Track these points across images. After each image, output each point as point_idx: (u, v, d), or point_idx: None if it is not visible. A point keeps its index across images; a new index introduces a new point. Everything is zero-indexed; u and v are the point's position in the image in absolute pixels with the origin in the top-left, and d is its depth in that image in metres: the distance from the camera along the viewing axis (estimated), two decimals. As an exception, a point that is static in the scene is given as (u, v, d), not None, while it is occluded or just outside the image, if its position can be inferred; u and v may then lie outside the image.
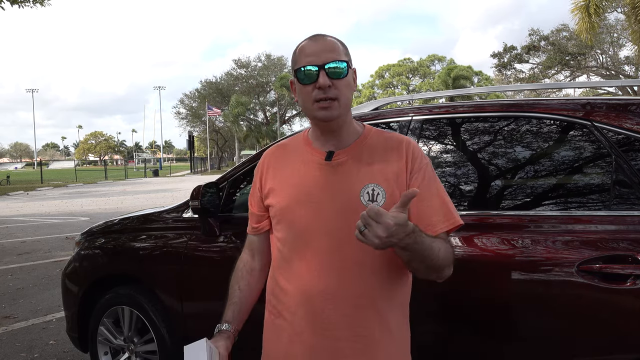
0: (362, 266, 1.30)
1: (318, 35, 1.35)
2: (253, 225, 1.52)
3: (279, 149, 1.48)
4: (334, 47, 1.31)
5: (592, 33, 14.28)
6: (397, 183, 1.31)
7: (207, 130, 51.92)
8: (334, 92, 1.28)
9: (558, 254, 1.72)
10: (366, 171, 1.32)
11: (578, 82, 28.64)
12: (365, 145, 1.36)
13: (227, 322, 1.43)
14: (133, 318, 2.81)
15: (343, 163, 1.34)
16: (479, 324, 1.85)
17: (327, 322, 1.31)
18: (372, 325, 1.31)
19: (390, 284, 1.34)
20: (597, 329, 1.66)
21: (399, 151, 1.35)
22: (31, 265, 6.98)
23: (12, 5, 12.16)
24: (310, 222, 1.32)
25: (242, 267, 1.53)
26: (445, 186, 2.12)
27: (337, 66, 1.29)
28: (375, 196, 1.29)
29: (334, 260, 1.30)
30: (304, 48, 1.33)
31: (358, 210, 1.20)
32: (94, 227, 3.24)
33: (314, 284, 1.32)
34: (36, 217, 13.38)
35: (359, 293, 1.30)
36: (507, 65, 35.04)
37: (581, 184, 1.90)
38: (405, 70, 55.05)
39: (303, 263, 1.34)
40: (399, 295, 1.38)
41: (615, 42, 31.50)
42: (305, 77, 1.30)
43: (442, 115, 2.19)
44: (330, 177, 1.33)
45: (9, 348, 3.94)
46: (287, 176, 1.39)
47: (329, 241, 1.31)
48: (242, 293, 1.49)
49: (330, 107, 1.29)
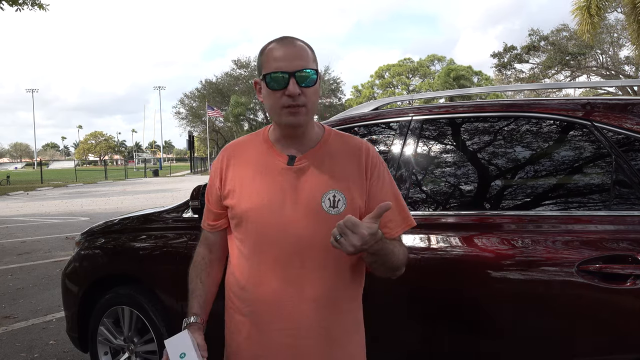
0: (323, 268, 1.34)
1: (287, 38, 1.34)
2: (210, 223, 1.52)
3: (238, 148, 1.48)
4: (303, 53, 1.31)
5: (592, 33, 14.28)
6: (357, 189, 1.36)
7: (207, 130, 51.91)
8: (302, 99, 1.30)
9: (558, 254, 1.72)
10: (327, 177, 1.35)
11: (578, 82, 28.61)
12: (325, 150, 1.39)
13: (195, 315, 1.46)
14: (133, 318, 2.81)
15: (304, 168, 1.36)
16: (479, 324, 1.85)
17: (287, 321, 1.34)
18: (332, 324, 1.35)
19: (349, 284, 1.40)
20: (597, 329, 1.66)
21: (358, 157, 1.39)
22: (31, 265, 6.98)
23: (11, 6, 12.13)
24: (271, 226, 1.35)
25: (201, 260, 1.54)
26: (446, 186, 2.13)
27: (308, 74, 1.30)
28: (336, 202, 1.34)
29: (294, 263, 1.33)
30: (272, 51, 1.32)
31: (319, 215, 1.31)
32: (94, 227, 3.23)
33: (274, 286, 1.34)
34: (36, 217, 13.38)
35: (319, 293, 1.34)
36: (507, 65, 35.03)
37: (581, 184, 1.90)
38: (405, 70, 55.06)
39: (263, 265, 1.36)
40: (357, 295, 1.44)
41: (615, 42, 31.49)
42: (274, 83, 1.30)
43: (442, 115, 2.19)
44: (291, 182, 1.36)
45: (9, 348, 3.94)
46: (249, 178, 1.40)
47: (290, 245, 1.33)
48: (204, 285, 1.51)
49: (298, 112, 1.30)
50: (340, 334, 1.37)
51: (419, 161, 2.16)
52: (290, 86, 1.27)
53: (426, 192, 2.16)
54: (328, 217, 1.32)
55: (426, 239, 1.97)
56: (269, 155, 1.40)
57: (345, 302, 1.38)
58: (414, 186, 2.13)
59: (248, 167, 1.41)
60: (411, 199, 2.12)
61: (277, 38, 1.35)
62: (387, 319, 2.00)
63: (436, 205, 2.12)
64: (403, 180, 2.13)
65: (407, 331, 2.00)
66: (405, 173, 2.14)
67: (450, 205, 2.10)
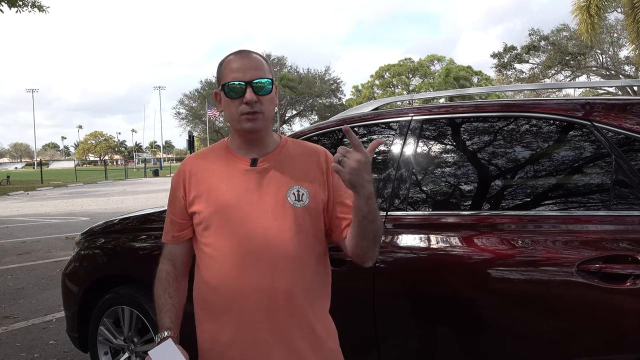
0: (293, 261, 1.39)
1: (244, 52, 1.44)
2: (174, 234, 1.54)
3: (199, 158, 1.54)
4: (259, 64, 1.40)
5: (592, 33, 14.27)
6: (318, 184, 1.44)
7: (207, 130, 51.90)
8: (259, 106, 1.39)
9: (558, 254, 1.72)
10: (289, 175, 1.44)
11: (578, 82, 28.63)
12: (285, 153, 1.48)
13: (168, 329, 1.47)
14: (133, 318, 2.81)
15: (267, 169, 1.44)
16: (479, 324, 1.85)
17: (261, 317, 1.37)
18: (306, 315, 1.40)
19: (319, 277, 1.46)
20: (597, 329, 1.66)
21: (317, 157, 1.48)
22: (31, 265, 6.98)
23: (10, 8, 12.12)
24: (240, 224, 1.39)
25: (166, 276, 1.56)
26: (446, 186, 2.13)
27: (263, 84, 1.39)
28: (301, 196, 1.42)
29: (264, 258, 1.38)
30: (230, 62, 1.42)
31: (286, 209, 1.39)
32: (94, 227, 3.23)
33: (246, 282, 1.38)
34: (36, 217, 13.39)
35: (290, 287, 1.38)
36: (507, 65, 35.02)
37: (581, 184, 1.90)
38: (405, 70, 55.07)
39: (234, 263, 1.39)
40: (326, 288, 1.50)
41: (615, 42, 31.46)
42: (232, 92, 1.39)
43: (442, 115, 2.19)
44: (256, 181, 1.42)
45: (9, 348, 3.94)
46: (213, 183, 1.45)
47: (260, 240, 1.38)
48: (173, 300, 1.52)
49: (256, 119, 1.39)
50: (315, 324, 1.42)
51: (419, 161, 2.16)
52: (247, 94, 1.36)
53: (426, 192, 2.16)
54: (294, 210, 1.40)
55: (426, 239, 1.97)
56: (232, 161, 1.47)
57: (315, 294, 1.44)
58: (414, 186, 2.13)
59: (212, 174, 1.47)
60: (411, 199, 2.12)
61: (235, 51, 1.45)
62: (387, 319, 2.00)
63: (436, 205, 2.12)
64: (403, 180, 2.13)
65: (408, 331, 2.00)
66: (405, 173, 2.14)
67: (451, 205, 2.10)
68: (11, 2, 11.98)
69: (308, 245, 1.41)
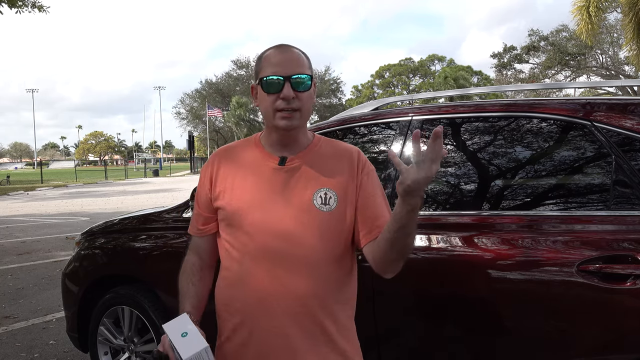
0: (313, 267, 1.34)
1: (284, 46, 1.39)
2: (199, 227, 1.51)
3: (229, 152, 1.50)
4: (299, 59, 1.35)
5: (591, 34, 14.27)
6: (348, 185, 1.38)
7: (207, 130, 51.91)
8: (297, 103, 1.33)
9: (558, 254, 1.72)
10: (318, 176, 1.38)
11: (578, 82, 28.58)
12: (316, 153, 1.42)
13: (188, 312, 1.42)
14: (133, 318, 2.81)
15: (296, 168, 1.39)
16: (479, 324, 1.85)
17: (278, 319, 1.34)
18: (324, 321, 1.36)
19: (340, 283, 1.40)
20: (597, 329, 1.66)
21: (349, 157, 1.42)
22: (31, 265, 6.98)
23: (10, 9, 12.10)
24: (263, 225, 1.35)
25: (191, 266, 1.53)
26: (446, 186, 2.13)
27: (302, 79, 1.33)
28: (328, 199, 1.36)
29: (285, 262, 1.34)
30: (269, 57, 1.37)
31: (311, 213, 1.32)
32: (94, 227, 3.24)
33: (266, 285, 1.35)
34: (36, 217, 13.38)
35: (310, 293, 1.34)
36: (507, 65, 35.04)
37: (581, 184, 1.90)
38: (405, 70, 55.07)
39: (255, 265, 1.36)
40: (348, 294, 1.44)
41: (615, 42, 31.46)
42: (269, 86, 1.33)
43: (442, 115, 2.19)
44: (283, 182, 1.38)
45: (9, 348, 3.94)
46: (239, 179, 1.41)
47: (281, 243, 1.34)
48: (196, 287, 1.49)
49: (292, 117, 1.34)
50: (333, 331, 1.37)
51: (419, 161, 2.16)
52: (285, 89, 1.31)
53: (426, 192, 2.15)
54: (320, 214, 1.35)
55: (426, 239, 1.97)
56: (261, 158, 1.42)
57: (336, 299, 1.39)
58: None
59: (239, 169, 1.43)
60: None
61: (275, 45, 1.39)
62: (387, 319, 2.00)
63: (437, 205, 2.12)
64: (403, 180, 2.13)
65: (409, 331, 2.00)
66: (405, 173, 2.14)
67: (451, 205, 2.09)
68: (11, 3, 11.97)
69: (331, 250, 1.35)
